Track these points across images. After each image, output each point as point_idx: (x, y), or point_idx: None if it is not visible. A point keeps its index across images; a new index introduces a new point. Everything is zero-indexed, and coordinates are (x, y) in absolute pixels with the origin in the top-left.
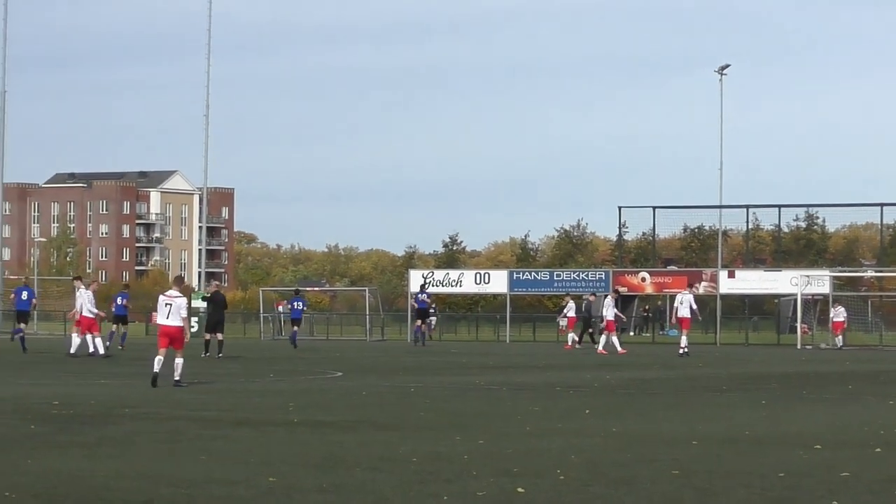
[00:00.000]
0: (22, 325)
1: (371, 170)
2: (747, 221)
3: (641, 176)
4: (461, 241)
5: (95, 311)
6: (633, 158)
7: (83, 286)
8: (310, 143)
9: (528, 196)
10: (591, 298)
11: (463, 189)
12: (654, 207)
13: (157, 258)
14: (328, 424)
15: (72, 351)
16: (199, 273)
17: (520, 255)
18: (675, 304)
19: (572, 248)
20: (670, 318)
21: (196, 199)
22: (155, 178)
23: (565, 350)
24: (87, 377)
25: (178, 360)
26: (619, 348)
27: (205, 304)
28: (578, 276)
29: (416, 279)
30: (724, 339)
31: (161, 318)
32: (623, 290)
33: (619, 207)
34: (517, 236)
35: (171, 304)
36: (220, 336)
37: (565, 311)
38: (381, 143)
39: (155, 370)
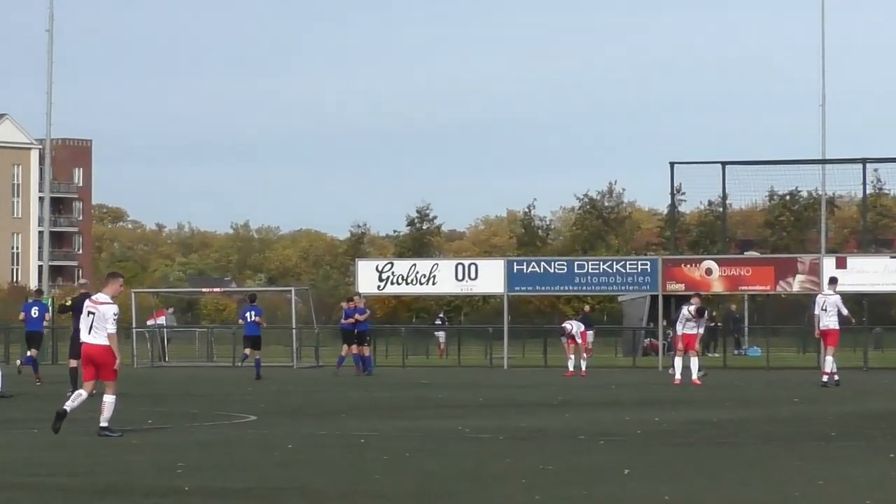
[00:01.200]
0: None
1: (297, 113)
2: (864, 183)
3: (704, 118)
4: (434, 217)
5: None
6: (691, 92)
7: None
8: (204, 76)
9: (533, 149)
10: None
11: (436, 139)
12: (724, 163)
13: None
14: (235, 493)
15: None
16: (41, 267)
17: (522, 237)
18: (816, 311)
19: (601, 225)
20: (746, 329)
21: (34, 156)
22: None
23: (566, 377)
24: None
25: (108, 399)
26: (677, 374)
27: (63, 315)
28: (611, 267)
29: (367, 274)
30: None
31: (83, 334)
32: (679, 288)
33: (672, 164)
34: (517, 208)
35: (94, 313)
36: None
37: (571, 329)
38: (309, 74)
39: (65, 406)
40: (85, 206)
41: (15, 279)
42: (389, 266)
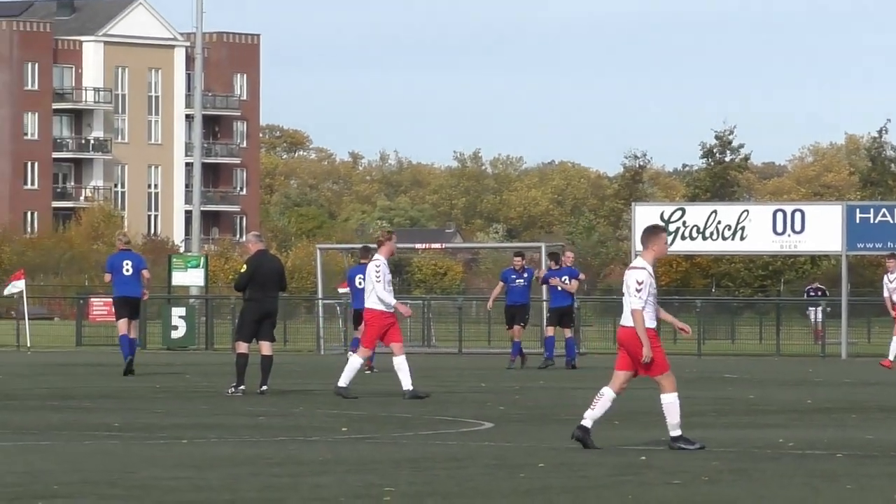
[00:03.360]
0: (125, 329)
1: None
2: None
3: None
4: (740, 146)
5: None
6: None
7: None
8: None
9: (884, 47)
10: None
11: (743, 38)
12: None
13: (97, 185)
14: None
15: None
16: (189, 214)
17: (868, 174)
18: None
19: None
20: None
21: (179, 57)
22: (92, 14)
23: (883, 366)
24: None
25: (666, 399)
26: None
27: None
28: None
29: (648, 220)
30: None
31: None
32: None
33: None
34: (861, 133)
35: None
36: (266, 347)
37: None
38: None
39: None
40: (251, 128)
41: (153, 230)
42: (679, 213)
